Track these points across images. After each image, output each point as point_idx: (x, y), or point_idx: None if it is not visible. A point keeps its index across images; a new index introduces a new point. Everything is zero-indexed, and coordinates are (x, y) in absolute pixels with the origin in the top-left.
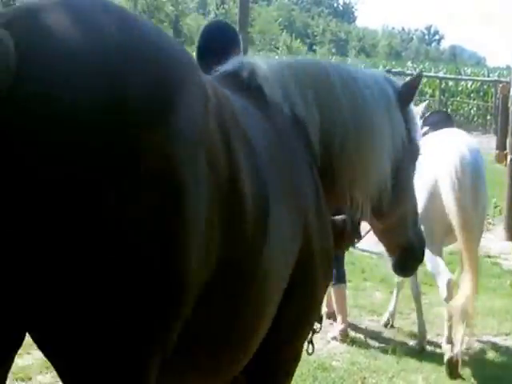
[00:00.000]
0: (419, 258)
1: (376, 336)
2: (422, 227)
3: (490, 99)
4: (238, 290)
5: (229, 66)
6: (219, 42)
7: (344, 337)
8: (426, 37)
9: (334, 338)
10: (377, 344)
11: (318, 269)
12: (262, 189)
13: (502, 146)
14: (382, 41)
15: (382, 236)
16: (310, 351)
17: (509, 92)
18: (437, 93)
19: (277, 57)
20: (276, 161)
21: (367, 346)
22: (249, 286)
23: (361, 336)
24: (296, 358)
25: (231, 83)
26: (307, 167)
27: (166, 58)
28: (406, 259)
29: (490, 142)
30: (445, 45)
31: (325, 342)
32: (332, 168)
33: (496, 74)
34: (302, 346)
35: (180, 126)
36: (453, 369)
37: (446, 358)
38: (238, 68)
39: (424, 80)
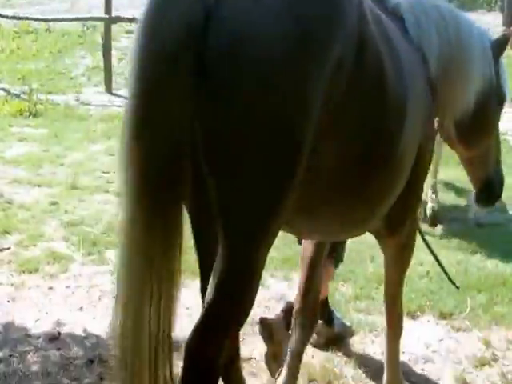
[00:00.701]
0: (497, 194)
1: None
2: None
3: None
4: (380, 162)
5: None
6: None
7: None
8: None
9: None
10: None
11: (426, 160)
12: (403, 86)
13: (509, 22)
14: None
15: (468, 166)
16: None
17: None
18: None
19: None
20: (410, 71)
21: None
22: (388, 163)
23: None
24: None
25: (377, 6)
26: (425, 83)
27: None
28: (486, 193)
29: (495, 19)
30: None
31: None
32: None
33: None
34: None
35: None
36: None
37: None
38: None
39: None
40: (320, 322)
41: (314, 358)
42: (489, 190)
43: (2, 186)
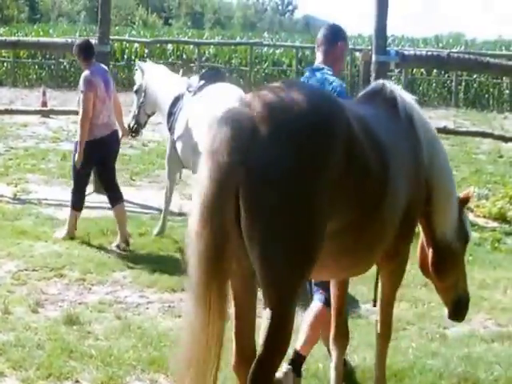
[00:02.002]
0: (465, 312)
1: None
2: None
3: (347, 67)
4: (368, 225)
5: (373, 85)
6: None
7: None
8: (280, 7)
9: None
10: None
11: (416, 212)
12: (384, 164)
13: None
14: (237, 12)
15: (440, 292)
16: None
17: (370, 58)
18: (294, 62)
19: (134, 32)
20: (394, 147)
21: None
22: (375, 223)
23: None
24: (403, 258)
25: (375, 97)
26: (411, 153)
27: (329, 109)
28: (456, 311)
29: None
30: (298, 15)
31: None
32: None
33: (351, 42)
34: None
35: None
36: None
37: None
38: (381, 87)
39: (281, 50)
40: None
41: None
42: (459, 309)
43: None
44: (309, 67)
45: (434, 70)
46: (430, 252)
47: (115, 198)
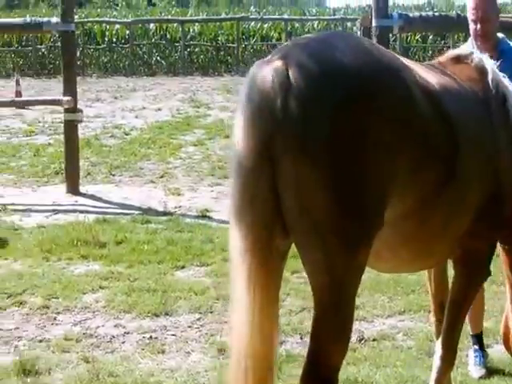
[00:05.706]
0: None
1: None
2: None
3: None
4: (431, 209)
5: (456, 51)
6: None
7: None
8: None
9: None
10: None
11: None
12: (452, 142)
13: None
14: None
15: None
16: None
17: (370, 23)
18: (283, 36)
19: (116, 13)
20: (472, 124)
21: None
22: (440, 208)
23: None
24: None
25: (460, 61)
26: (499, 136)
27: (378, 66)
28: None
29: None
30: None
31: (183, 355)
32: None
33: (341, 12)
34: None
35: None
36: None
37: None
38: (469, 54)
39: (269, 24)
40: None
41: None
42: None
43: None
44: None
45: (430, 37)
46: None
47: None
